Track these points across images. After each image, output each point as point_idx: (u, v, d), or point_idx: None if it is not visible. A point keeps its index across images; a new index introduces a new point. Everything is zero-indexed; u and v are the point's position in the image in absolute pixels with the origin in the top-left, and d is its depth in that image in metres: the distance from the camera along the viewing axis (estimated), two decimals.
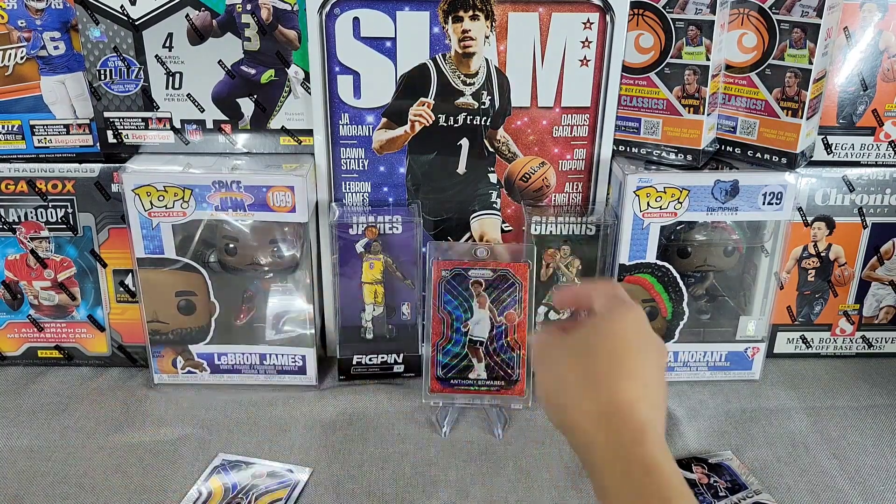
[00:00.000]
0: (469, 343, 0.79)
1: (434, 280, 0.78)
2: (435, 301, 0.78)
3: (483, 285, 0.78)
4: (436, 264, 0.78)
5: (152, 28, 0.77)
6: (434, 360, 0.79)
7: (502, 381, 0.80)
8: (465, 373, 0.80)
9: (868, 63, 0.81)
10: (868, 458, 0.75)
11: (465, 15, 0.76)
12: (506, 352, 0.80)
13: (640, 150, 0.83)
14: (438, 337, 0.79)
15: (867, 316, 0.91)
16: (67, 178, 0.81)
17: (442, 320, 0.78)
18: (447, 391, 0.80)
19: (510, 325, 0.79)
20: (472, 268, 0.78)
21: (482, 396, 0.80)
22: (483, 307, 0.79)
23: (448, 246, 0.79)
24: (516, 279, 0.78)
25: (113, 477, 0.71)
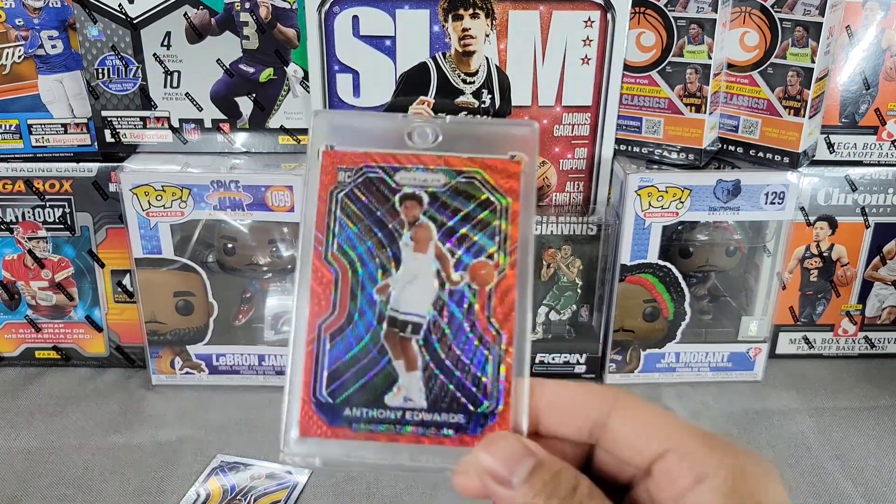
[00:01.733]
0: (389, 327, 0.35)
1: (319, 188, 0.36)
2: (320, 235, 0.36)
3: (425, 204, 0.36)
4: (327, 156, 0.37)
5: (150, 27, 0.77)
6: (311, 366, 0.35)
7: (459, 415, 0.34)
8: (379, 394, 0.35)
9: (870, 62, 0.81)
10: (871, 460, 0.75)
11: (465, 13, 0.76)
12: (468, 347, 0.35)
13: (642, 149, 0.82)
14: (322, 313, 0.35)
15: (870, 316, 0.90)
16: (65, 177, 0.80)
17: (333, 277, 0.35)
18: (336, 434, 0.35)
19: (478, 288, 0.35)
20: (404, 166, 0.36)
21: (413, 448, 0.34)
22: (423, 250, 0.36)
23: (353, 115, 0.40)
24: (495, 193, 0.36)
25: (111, 478, 0.71)
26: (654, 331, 0.85)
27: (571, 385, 0.34)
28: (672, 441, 0.31)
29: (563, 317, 0.85)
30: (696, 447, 0.31)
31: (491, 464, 0.32)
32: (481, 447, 0.33)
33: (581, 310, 0.85)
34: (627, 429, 0.32)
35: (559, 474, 0.31)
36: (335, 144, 0.37)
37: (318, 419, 0.35)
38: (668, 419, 0.32)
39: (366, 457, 0.34)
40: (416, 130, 0.37)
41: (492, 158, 0.37)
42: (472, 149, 0.37)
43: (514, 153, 0.37)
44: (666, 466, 0.31)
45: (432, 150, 0.37)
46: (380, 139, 0.37)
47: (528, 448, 0.32)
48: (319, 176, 0.37)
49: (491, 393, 0.34)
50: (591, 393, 0.33)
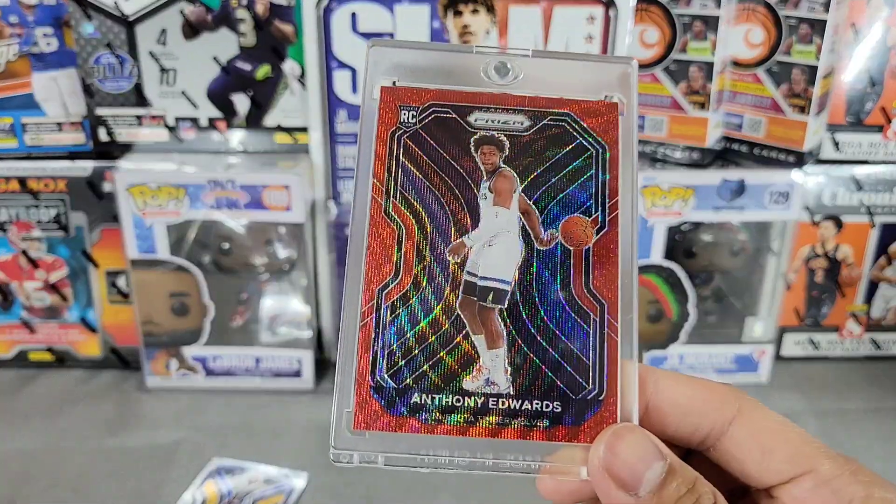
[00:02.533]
0: (465, 294, 0.30)
1: (377, 128, 0.31)
2: (379, 184, 0.30)
3: (506, 150, 0.31)
4: (386, 92, 0.31)
5: (146, 23, 0.76)
6: (368, 342, 0.29)
7: (554, 403, 0.29)
8: (455, 376, 0.29)
9: (876, 59, 0.80)
10: (877, 462, 0.74)
11: (465, 9, 0.75)
12: (564, 319, 0.30)
13: (645, 147, 0.81)
14: (383, 278, 0.30)
15: (875, 317, 0.89)
16: (59, 176, 0.79)
17: (396, 234, 0.30)
18: (400, 426, 0.29)
19: (574, 248, 0.30)
20: (480, 106, 0.31)
21: (496, 443, 0.29)
22: (505, 204, 0.31)
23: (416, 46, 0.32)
24: (589, 138, 0.31)
25: (107, 481, 0.70)
26: (657, 332, 0.84)
27: (689, 380, 0.29)
28: (806, 463, 0.28)
29: None
30: (836, 473, 0.27)
31: (614, 462, 0.26)
32: (605, 441, 0.27)
33: None
34: (752, 442, 0.28)
35: (695, 487, 0.26)
36: (397, 80, 0.31)
37: (377, 407, 0.29)
38: (802, 436, 0.28)
39: (438, 454, 0.28)
40: (494, 65, 0.32)
41: (584, 99, 0.31)
42: (561, 88, 0.31)
43: (609, 94, 0.32)
44: (798, 492, 0.27)
45: (513, 89, 0.31)
46: (450, 75, 0.31)
47: (658, 448, 0.27)
48: (378, 115, 0.31)
49: (593, 376, 0.29)
50: (713, 393, 0.29)
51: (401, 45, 0.32)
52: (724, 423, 0.28)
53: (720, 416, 0.28)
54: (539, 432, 0.28)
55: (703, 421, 0.29)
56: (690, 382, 0.29)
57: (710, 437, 0.29)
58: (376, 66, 0.31)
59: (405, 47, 0.32)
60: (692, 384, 0.29)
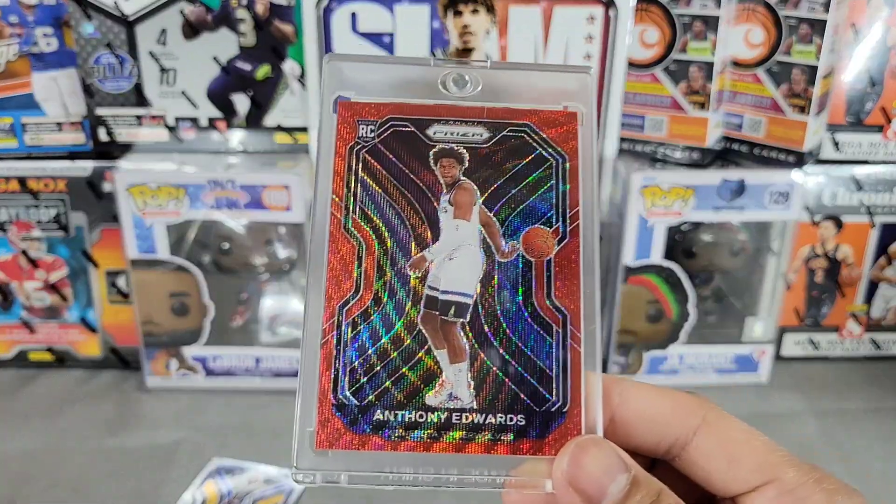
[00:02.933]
0: (427, 308, 0.30)
1: (336, 144, 0.31)
2: (338, 199, 0.30)
3: (466, 162, 0.31)
4: (344, 107, 0.32)
5: (146, 23, 0.76)
6: (330, 359, 0.29)
7: (518, 416, 0.29)
8: (417, 391, 0.29)
9: (876, 59, 0.80)
10: (877, 463, 0.74)
11: (465, 9, 0.75)
12: (526, 331, 0.29)
13: (645, 147, 0.81)
14: (343, 295, 0.29)
15: (875, 317, 0.89)
16: (59, 176, 0.79)
17: (356, 249, 0.30)
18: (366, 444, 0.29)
19: (536, 259, 0.30)
20: (439, 118, 0.31)
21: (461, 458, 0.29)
22: (465, 217, 0.31)
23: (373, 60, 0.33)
24: (549, 148, 0.31)
25: (107, 481, 0.70)
26: (657, 332, 0.84)
27: (654, 390, 0.29)
28: (771, 472, 0.28)
29: None
30: (801, 482, 0.27)
31: (579, 475, 0.26)
32: (567, 452, 0.27)
33: None
34: (717, 451, 0.28)
35: (660, 499, 0.26)
36: (353, 94, 0.31)
37: (340, 425, 0.28)
38: (767, 445, 0.28)
39: (402, 471, 0.28)
40: (452, 77, 0.31)
41: (543, 109, 0.31)
42: (519, 98, 0.31)
43: (568, 103, 0.31)
44: (763, 501, 0.27)
45: (472, 100, 0.31)
46: (408, 88, 0.31)
47: (622, 460, 0.26)
48: (336, 130, 0.31)
49: (557, 388, 0.28)
50: (678, 403, 0.29)
51: (357, 59, 0.32)
52: (689, 432, 0.28)
53: (685, 425, 0.28)
54: (504, 446, 0.28)
55: (669, 430, 0.29)
56: (656, 392, 0.29)
57: (676, 447, 0.29)
58: (333, 80, 0.31)
59: (362, 61, 0.32)
60: (657, 394, 0.29)
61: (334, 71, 0.31)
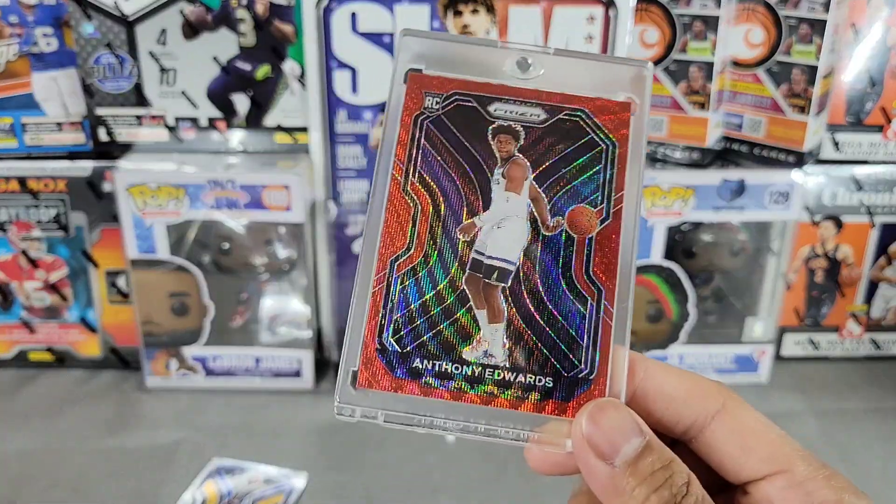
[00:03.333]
0: (472, 271, 0.32)
1: (402, 112, 0.33)
2: (401, 163, 0.33)
3: (521, 139, 0.33)
4: (413, 79, 0.34)
5: (146, 23, 0.76)
6: (378, 306, 0.31)
7: (546, 378, 0.30)
8: (455, 345, 0.31)
9: (876, 59, 0.80)
10: (877, 462, 0.74)
11: (464, 9, 0.75)
12: (562, 301, 0.31)
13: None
14: (396, 250, 0.32)
15: (875, 317, 0.89)
16: (59, 176, 0.79)
17: (412, 210, 0.32)
18: (399, 387, 0.31)
19: (578, 236, 0.32)
20: (499, 97, 0.33)
21: (489, 411, 0.30)
22: (516, 190, 0.33)
23: (445, 38, 0.35)
24: (600, 134, 0.33)
25: (106, 481, 0.70)
26: (657, 332, 0.84)
27: (677, 371, 0.31)
28: (782, 463, 0.28)
29: None
30: (810, 476, 0.28)
31: (594, 433, 0.28)
32: (587, 412, 0.28)
33: None
34: (731, 438, 0.29)
35: (671, 465, 0.27)
36: (423, 68, 0.34)
37: (381, 368, 0.30)
38: (780, 437, 0.29)
39: (435, 417, 0.30)
40: (517, 60, 0.34)
41: (599, 97, 0.33)
42: (578, 86, 0.33)
43: (623, 93, 0.33)
44: (771, 491, 0.28)
45: (532, 83, 0.33)
46: (474, 66, 0.34)
47: (638, 425, 0.28)
48: (404, 99, 0.33)
49: (586, 357, 0.30)
50: (699, 386, 0.30)
51: (430, 36, 0.34)
52: (707, 416, 0.29)
53: (704, 409, 0.30)
54: (530, 404, 0.30)
55: (687, 412, 0.30)
56: (679, 374, 0.31)
57: (693, 429, 0.30)
58: (406, 53, 0.34)
59: (434, 38, 0.34)
60: (680, 375, 0.30)
61: (408, 45, 0.34)
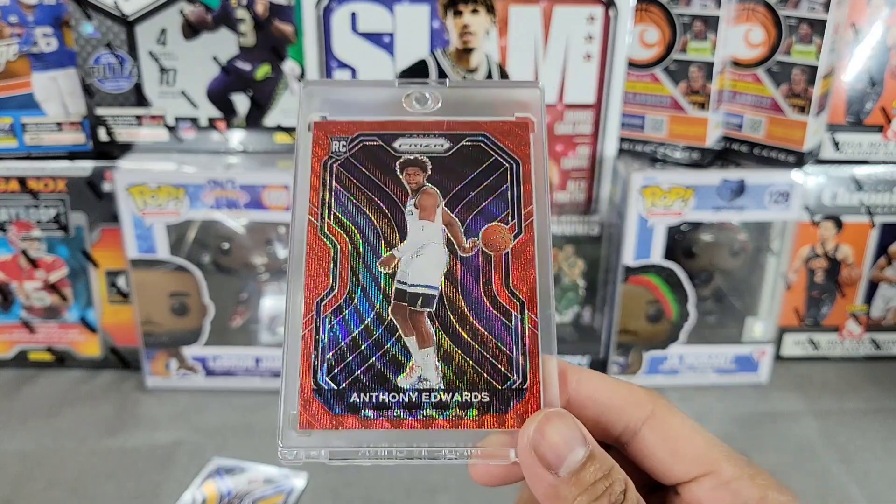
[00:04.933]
0: (397, 300, 0.33)
1: (311, 160, 0.34)
2: (315, 207, 0.33)
3: (429, 170, 0.34)
4: (319, 127, 0.35)
5: (145, 23, 0.76)
6: (310, 349, 0.32)
7: (482, 393, 0.31)
8: (388, 376, 0.32)
9: (876, 59, 0.80)
10: (877, 463, 0.74)
11: (465, 9, 0.75)
12: (487, 318, 0.32)
13: (645, 147, 0.81)
14: (320, 291, 0.32)
15: (875, 317, 0.89)
16: (59, 176, 0.79)
17: (331, 251, 0.33)
18: (343, 424, 0.31)
19: (494, 253, 0.33)
20: (403, 133, 0.34)
21: (432, 434, 0.31)
22: (430, 218, 0.34)
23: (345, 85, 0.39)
24: (503, 154, 0.34)
25: (106, 482, 0.70)
26: (657, 332, 0.84)
27: (609, 380, 0.32)
28: (709, 465, 0.30)
29: (564, 318, 0.84)
30: (736, 476, 0.30)
31: (542, 443, 0.28)
32: (534, 423, 0.29)
33: (583, 311, 0.84)
34: (661, 443, 0.31)
35: (611, 474, 0.28)
36: (327, 115, 0.35)
37: (320, 408, 0.31)
38: (707, 440, 0.31)
39: (379, 447, 0.30)
40: (414, 96, 0.35)
41: (498, 121, 0.35)
42: (476, 112, 0.35)
43: (519, 114, 0.35)
44: (699, 492, 0.30)
45: (433, 116, 0.35)
46: (376, 108, 0.35)
47: (582, 434, 0.29)
48: (311, 147, 0.34)
49: (517, 367, 0.31)
50: (630, 393, 0.31)
51: (330, 84, 0.38)
52: (638, 422, 0.31)
53: (634, 415, 0.31)
54: (469, 421, 0.31)
55: (619, 418, 0.31)
56: (611, 382, 0.32)
57: (625, 435, 0.31)
58: (309, 102, 0.35)
59: (334, 85, 0.37)
60: (612, 384, 0.32)
61: (309, 95, 0.35)
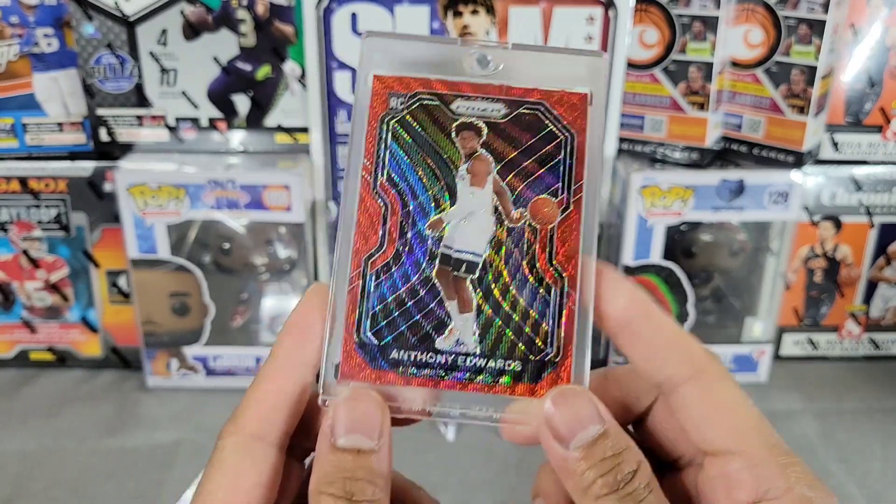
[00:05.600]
0: (441, 264, 0.33)
1: (368, 115, 0.34)
2: (369, 164, 0.33)
3: (484, 135, 0.34)
4: (378, 81, 0.34)
5: (146, 24, 0.76)
6: (355, 303, 0.32)
7: (515, 362, 0.32)
8: (429, 336, 0.32)
9: (875, 60, 0.80)
10: (876, 463, 0.74)
11: (464, 10, 0.75)
12: (527, 289, 0.33)
13: (644, 147, 0.81)
14: (369, 248, 0.33)
15: (875, 317, 0.89)
16: (60, 176, 0.79)
17: (382, 210, 0.33)
18: (380, 378, 0.32)
19: (541, 228, 0.33)
20: (461, 94, 0.34)
21: (464, 395, 0.32)
22: (480, 184, 0.34)
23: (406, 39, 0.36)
24: (560, 125, 0.34)
25: (106, 482, 0.70)
26: None
27: (670, 326, 0.31)
28: (742, 441, 0.29)
29: None
30: (768, 460, 0.29)
31: (554, 417, 0.29)
32: (551, 397, 0.30)
33: None
34: (698, 404, 0.30)
35: (621, 454, 0.29)
36: (387, 69, 0.34)
37: (361, 361, 0.32)
38: (749, 416, 0.30)
39: (413, 403, 0.32)
40: (476, 57, 0.34)
41: (557, 89, 0.34)
42: (537, 79, 0.34)
43: (580, 85, 0.34)
44: (724, 468, 0.29)
45: (493, 79, 0.34)
46: (436, 65, 0.35)
47: (598, 412, 0.29)
48: (369, 102, 0.34)
49: (551, 340, 0.32)
50: (685, 346, 0.31)
51: (392, 37, 0.35)
52: (683, 377, 0.30)
53: (681, 369, 0.30)
54: (502, 387, 0.32)
55: (663, 367, 0.31)
56: (670, 329, 0.31)
57: (666, 385, 0.31)
58: (370, 56, 0.34)
59: (396, 38, 0.35)
60: (672, 331, 0.31)
61: (371, 47, 0.34)
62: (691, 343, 0.31)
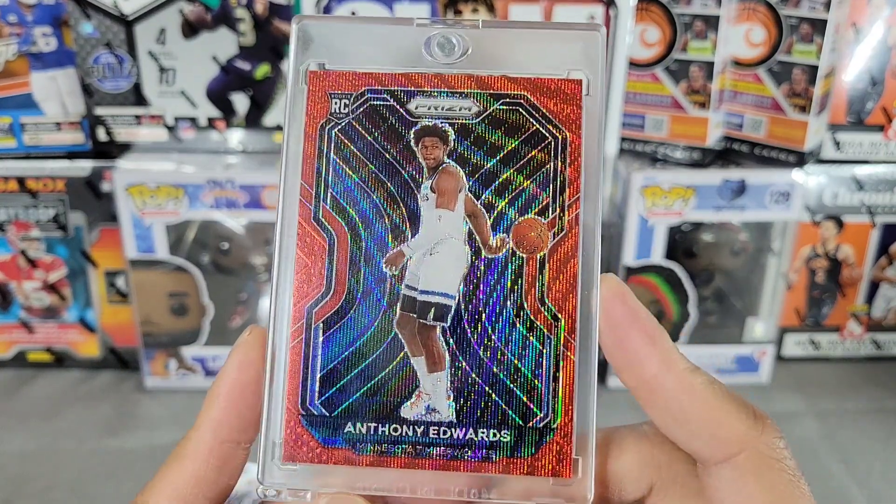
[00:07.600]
0: (404, 310, 0.27)
1: (305, 122, 0.27)
2: (308, 186, 0.27)
3: (450, 143, 0.27)
4: (315, 78, 0.27)
5: (145, 23, 0.76)
6: (298, 366, 0.26)
7: (502, 431, 0.26)
8: (392, 400, 0.26)
9: (877, 59, 0.79)
10: (877, 463, 0.74)
11: (465, 9, 0.75)
12: (513, 337, 0.26)
13: (645, 147, 0.81)
14: (313, 295, 0.26)
15: (876, 317, 0.89)
16: (58, 176, 0.79)
17: (326, 244, 0.27)
18: (335, 458, 0.26)
19: (527, 255, 0.26)
20: (421, 90, 0.27)
21: (439, 476, 0.26)
22: (449, 205, 0.27)
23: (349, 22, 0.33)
24: (547, 123, 0.27)
25: (105, 482, 0.70)
26: None
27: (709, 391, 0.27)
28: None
29: None
30: None
31: None
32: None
33: None
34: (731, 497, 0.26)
35: None
36: (326, 62, 0.27)
37: (309, 438, 0.26)
38: None
39: (377, 489, 0.25)
40: (437, 41, 0.27)
41: (542, 77, 0.27)
42: (515, 64, 0.27)
43: (571, 69, 0.27)
44: None
45: (460, 68, 0.27)
46: (388, 54, 0.27)
47: None
48: (305, 105, 0.27)
49: (545, 400, 0.26)
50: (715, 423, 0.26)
51: (331, 21, 0.29)
52: (717, 458, 0.26)
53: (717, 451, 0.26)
54: (486, 464, 0.26)
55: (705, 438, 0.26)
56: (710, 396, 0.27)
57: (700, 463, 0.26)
58: (303, 46, 0.27)
59: (336, 21, 0.29)
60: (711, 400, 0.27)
61: (304, 36, 0.27)
62: (730, 417, 0.26)
